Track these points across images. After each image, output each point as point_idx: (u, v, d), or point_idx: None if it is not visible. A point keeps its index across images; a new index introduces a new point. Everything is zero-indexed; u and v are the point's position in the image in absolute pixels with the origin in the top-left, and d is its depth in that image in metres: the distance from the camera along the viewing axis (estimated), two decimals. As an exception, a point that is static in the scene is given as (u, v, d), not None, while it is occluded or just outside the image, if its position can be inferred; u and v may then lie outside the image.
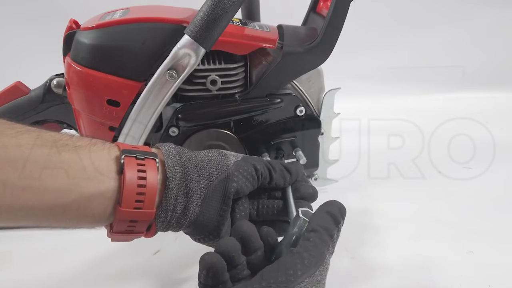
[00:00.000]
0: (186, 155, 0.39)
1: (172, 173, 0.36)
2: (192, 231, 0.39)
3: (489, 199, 0.65)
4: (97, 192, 0.33)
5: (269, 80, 0.54)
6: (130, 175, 0.34)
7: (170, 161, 0.37)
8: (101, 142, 0.37)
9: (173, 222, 0.37)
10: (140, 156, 0.36)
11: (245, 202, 0.41)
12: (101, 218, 0.35)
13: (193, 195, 0.37)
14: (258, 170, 0.40)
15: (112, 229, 0.36)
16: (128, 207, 0.34)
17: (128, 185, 0.34)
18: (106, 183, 0.34)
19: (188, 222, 0.38)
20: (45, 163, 0.32)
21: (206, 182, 0.38)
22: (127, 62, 0.50)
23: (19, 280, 0.51)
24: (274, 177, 0.41)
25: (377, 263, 0.52)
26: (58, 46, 0.54)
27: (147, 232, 0.38)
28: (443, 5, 1.13)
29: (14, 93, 0.57)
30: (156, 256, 0.55)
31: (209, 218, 0.38)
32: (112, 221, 0.35)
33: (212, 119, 0.55)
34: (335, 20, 0.52)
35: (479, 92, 1.10)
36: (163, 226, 0.37)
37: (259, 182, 0.41)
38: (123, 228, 0.36)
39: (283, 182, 0.42)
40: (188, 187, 0.37)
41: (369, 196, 0.67)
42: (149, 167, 0.35)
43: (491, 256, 0.53)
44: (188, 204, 0.37)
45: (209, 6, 0.45)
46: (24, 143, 0.31)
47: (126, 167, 0.34)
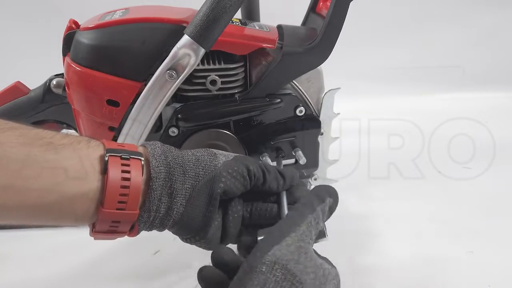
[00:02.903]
0: (172, 155, 0.38)
1: (156, 173, 0.36)
2: (177, 231, 0.39)
3: (489, 199, 0.65)
4: (79, 192, 0.33)
5: (269, 80, 0.54)
6: (113, 175, 0.33)
7: (155, 161, 0.36)
8: (86, 140, 0.36)
9: (156, 222, 0.37)
10: (125, 156, 0.35)
11: (238, 204, 0.40)
12: (83, 218, 0.34)
13: (177, 196, 0.37)
14: (251, 170, 0.39)
15: (94, 228, 0.35)
16: (110, 208, 0.33)
17: (111, 186, 0.33)
18: (89, 183, 0.33)
19: (172, 222, 0.37)
20: (27, 162, 0.31)
21: (192, 182, 0.37)
22: (127, 62, 0.50)
23: (18, 280, 0.51)
24: (268, 179, 0.40)
25: (377, 263, 0.52)
26: (58, 46, 0.54)
27: (130, 232, 0.37)
28: (443, 5, 1.13)
29: (14, 93, 0.57)
30: (156, 256, 0.55)
31: (194, 219, 0.37)
32: (95, 221, 0.35)
33: (212, 119, 0.55)
34: (334, 20, 0.52)
35: (479, 92, 1.10)
36: (146, 226, 0.37)
37: (252, 183, 0.40)
38: (106, 228, 0.35)
39: (277, 186, 0.41)
40: (173, 188, 0.36)
41: (369, 196, 0.67)
42: (133, 167, 0.35)
43: (491, 256, 0.53)
44: (172, 204, 0.36)
45: (208, 6, 0.45)
46: (6, 141, 0.31)
47: (109, 167, 0.34)
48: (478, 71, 1.13)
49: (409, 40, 1.14)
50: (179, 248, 0.56)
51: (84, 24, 0.53)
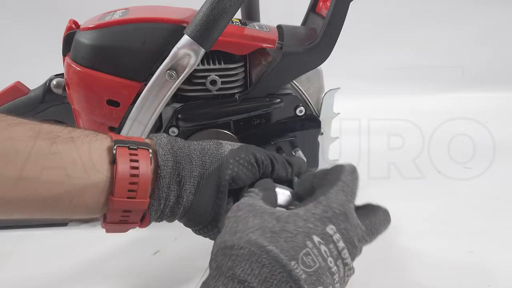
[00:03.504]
0: (178, 144, 0.38)
1: (164, 161, 0.36)
2: (188, 221, 0.39)
3: (489, 199, 0.65)
4: (89, 183, 0.33)
5: (269, 80, 0.54)
6: (122, 165, 0.34)
7: (162, 150, 0.37)
8: (93, 133, 0.36)
9: (167, 211, 0.37)
10: (133, 146, 0.35)
11: None
12: (94, 209, 0.35)
13: (186, 183, 0.37)
14: (258, 158, 0.40)
15: (106, 219, 0.36)
16: (121, 196, 0.34)
17: (120, 175, 0.34)
18: (99, 173, 0.34)
19: (182, 210, 0.37)
20: (37, 155, 0.31)
21: (200, 170, 0.38)
22: (127, 62, 0.50)
23: (19, 280, 0.51)
24: (276, 167, 0.41)
25: (376, 263, 0.52)
26: (58, 46, 0.54)
27: (141, 223, 0.37)
28: (443, 5, 1.12)
29: (14, 93, 0.57)
30: (156, 256, 0.55)
31: (204, 206, 0.38)
32: (106, 212, 0.35)
33: (212, 119, 0.55)
34: (334, 20, 0.52)
35: (479, 92, 1.10)
36: (157, 215, 0.37)
37: (261, 170, 0.40)
38: (117, 218, 0.36)
39: (285, 173, 0.41)
40: (181, 175, 0.37)
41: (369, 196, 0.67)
42: (141, 156, 0.35)
43: (491, 256, 0.53)
44: (181, 192, 0.37)
45: (208, 6, 0.45)
46: (16, 135, 0.31)
47: (118, 157, 0.34)
48: (478, 71, 1.13)
49: (409, 40, 1.14)
50: (179, 248, 0.56)
51: (84, 24, 0.53)
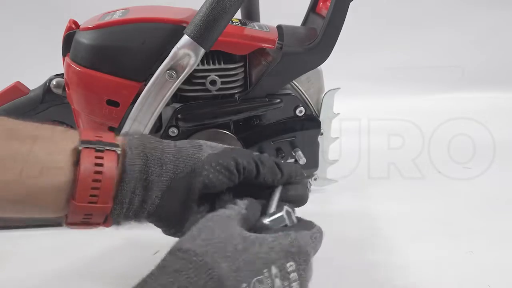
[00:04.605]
0: (151, 145, 0.37)
1: (130, 165, 0.35)
2: (154, 223, 0.38)
3: (489, 199, 0.65)
4: (50, 185, 0.33)
5: (269, 80, 0.54)
6: (85, 167, 0.33)
7: (131, 153, 0.35)
8: (61, 131, 0.35)
9: (130, 214, 0.36)
10: (100, 148, 0.34)
11: (228, 199, 0.39)
12: (55, 210, 0.34)
13: (153, 188, 0.36)
14: (239, 163, 0.37)
15: (67, 220, 0.35)
16: (82, 201, 0.33)
17: (82, 179, 0.33)
18: (61, 176, 0.33)
19: (146, 214, 0.36)
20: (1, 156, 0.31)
21: (170, 174, 0.36)
22: (127, 62, 0.50)
23: (19, 280, 0.51)
24: (262, 172, 0.38)
25: (376, 263, 0.52)
26: (58, 46, 0.54)
27: (105, 223, 0.37)
28: (442, 6, 1.12)
29: (14, 93, 0.57)
30: (156, 256, 0.55)
31: (170, 212, 0.37)
32: (67, 213, 0.34)
33: (212, 119, 0.55)
34: (334, 20, 0.52)
35: (479, 92, 1.10)
36: (120, 218, 0.36)
37: (241, 176, 0.37)
38: (78, 220, 0.35)
39: (272, 179, 0.39)
40: (148, 180, 0.36)
41: (369, 196, 0.67)
42: (107, 159, 0.34)
43: (491, 256, 0.53)
44: (146, 197, 0.36)
45: (208, 6, 0.45)
46: None
47: (82, 159, 0.33)
48: (478, 71, 1.13)
49: (409, 40, 1.14)
50: (179, 248, 0.56)
51: (84, 24, 0.53)
